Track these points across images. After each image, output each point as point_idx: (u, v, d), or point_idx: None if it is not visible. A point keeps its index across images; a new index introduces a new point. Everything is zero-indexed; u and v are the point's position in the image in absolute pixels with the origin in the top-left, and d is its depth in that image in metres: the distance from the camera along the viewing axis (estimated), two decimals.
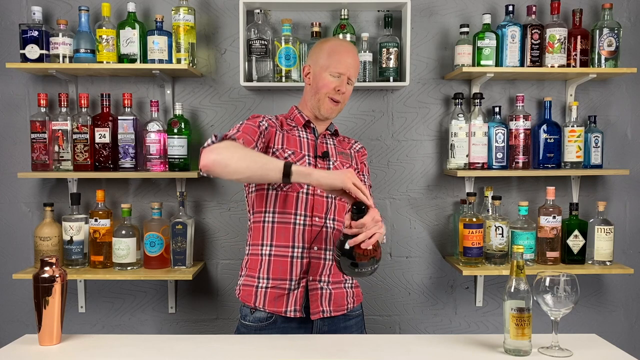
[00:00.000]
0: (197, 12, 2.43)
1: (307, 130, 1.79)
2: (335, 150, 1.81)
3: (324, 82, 1.73)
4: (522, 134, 2.39)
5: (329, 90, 1.73)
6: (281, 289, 1.69)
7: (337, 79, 1.73)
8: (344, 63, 1.73)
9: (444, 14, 2.50)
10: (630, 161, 2.56)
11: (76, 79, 2.46)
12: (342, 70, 1.73)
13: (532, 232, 2.34)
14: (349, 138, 1.94)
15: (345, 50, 1.76)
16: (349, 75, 1.74)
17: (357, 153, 1.89)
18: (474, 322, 2.59)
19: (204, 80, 2.49)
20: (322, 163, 1.75)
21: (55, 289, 1.49)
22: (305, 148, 1.74)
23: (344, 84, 1.74)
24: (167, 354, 1.46)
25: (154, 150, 2.35)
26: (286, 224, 1.69)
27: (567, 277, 1.40)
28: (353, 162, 1.84)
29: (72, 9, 2.42)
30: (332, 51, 1.75)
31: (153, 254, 2.30)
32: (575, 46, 2.37)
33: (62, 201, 2.48)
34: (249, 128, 1.65)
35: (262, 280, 1.70)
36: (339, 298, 1.73)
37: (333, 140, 1.85)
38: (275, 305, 1.68)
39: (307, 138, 1.77)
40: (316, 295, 1.70)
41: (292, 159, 1.68)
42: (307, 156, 1.72)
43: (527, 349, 1.40)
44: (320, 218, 1.70)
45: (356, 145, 1.91)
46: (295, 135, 1.76)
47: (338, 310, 1.73)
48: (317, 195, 1.70)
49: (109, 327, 2.53)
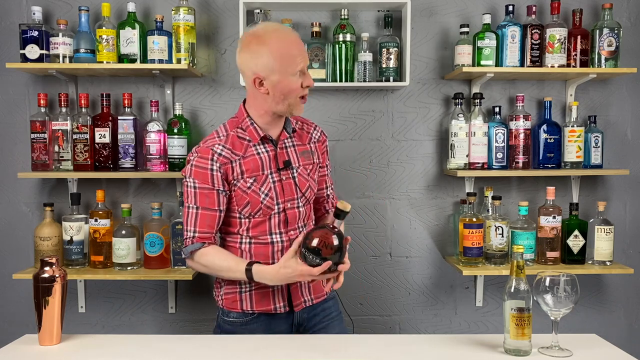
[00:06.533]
0: (197, 12, 2.43)
1: (264, 143, 1.67)
2: (296, 153, 1.72)
3: (292, 87, 1.60)
4: (522, 134, 2.39)
5: (299, 92, 1.62)
6: (264, 287, 1.66)
7: (302, 75, 1.61)
8: (300, 55, 1.60)
9: (444, 14, 2.50)
10: (630, 161, 2.56)
11: (76, 79, 2.46)
12: (302, 63, 1.60)
13: (532, 232, 2.34)
14: (308, 124, 1.80)
15: (291, 42, 1.61)
16: (306, 62, 1.62)
17: (317, 144, 1.79)
18: (474, 322, 2.59)
19: (204, 80, 2.49)
20: (285, 173, 1.68)
21: (55, 289, 1.49)
22: (266, 166, 1.66)
23: (309, 77, 1.64)
24: (167, 354, 1.46)
25: (154, 150, 2.35)
26: (264, 244, 1.68)
27: (567, 277, 1.40)
28: (315, 158, 1.76)
29: (72, 9, 2.42)
30: (281, 52, 1.57)
31: (153, 254, 2.30)
32: (575, 46, 2.37)
33: (62, 201, 2.48)
34: (204, 199, 1.62)
35: (244, 285, 1.68)
36: (317, 285, 1.74)
37: (292, 141, 1.73)
38: (263, 305, 1.68)
39: (266, 152, 1.67)
40: (296, 287, 1.70)
41: (255, 187, 1.63)
42: (269, 174, 1.65)
43: (527, 349, 1.40)
44: (294, 230, 1.70)
45: (315, 134, 1.79)
46: (252, 154, 1.65)
47: (318, 297, 1.76)
48: (288, 210, 1.68)
49: (109, 327, 2.53)
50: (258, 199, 1.64)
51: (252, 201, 1.64)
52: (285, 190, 1.68)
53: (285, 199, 1.67)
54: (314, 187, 1.76)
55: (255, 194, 1.64)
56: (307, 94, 1.66)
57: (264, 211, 1.65)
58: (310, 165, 1.75)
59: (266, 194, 1.65)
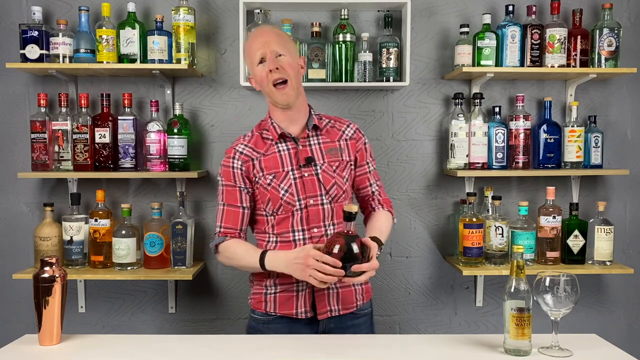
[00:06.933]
0: (197, 12, 2.43)
1: (286, 141, 1.72)
2: (321, 150, 1.72)
3: (259, 76, 1.67)
4: (522, 134, 2.39)
5: (267, 80, 1.65)
6: (290, 291, 1.69)
7: (264, 64, 1.65)
8: (258, 44, 1.66)
9: (444, 14, 2.50)
10: (630, 161, 2.56)
11: (76, 79, 2.46)
12: (261, 52, 1.65)
13: (532, 232, 2.34)
14: (341, 122, 1.81)
15: (254, 36, 1.71)
16: (270, 51, 1.64)
17: (349, 141, 1.77)
18: (474, 322, 2.59)
19: (204, 80, 2.49)
20: (308, 170, 1.69)
21: (55, 289, 1.49)
22: (287, 163, 1.69)
23: (273, 60, 1.64)
24: (167, 354, 1.46)
25: (154, 150, 2.35)
26: (287, 242, 1.70)
27: (567, 277, 1.40)
28: (344, 155, 1.74)
29: (72, 9, 2.42)
30: (247, 47, 1.71)
31: (153, 254, 2.30)
32: (575, 46, 2.37)
33: (62, 201, 2.48)
34: (229, 196, 1.72)
35: (270, 287, 1.72)
36: (348, 296, 1.72)
37: (317, 138, 1.74)
38: (286, 308, 1.70)
39: (287, 149, 1.71)
40: (323, 295, 1.70)
41: (274, 183, 1.67)
42: (290, 171, 1.68)
43: (527, 349, 1.40)
44: (318, 228, 1.70)
45: (348, 131, 1.78)
46: (274, 152, 1.71)
47: (347, 308, 1.73)
48: (310, 207, 1.69)
49: (109, 327, 2.53)
50: (278, 195, 1.67)
51: (273, 198, 1.68)
52: (307, 186, 1.68)
53: (307, 196, 1.68)
54: (341, 185, 1.72)
55: (275, 191, 1.67)
56: (279, 78, 1.64)
57: (285, 207, 1.68)
58: (337, 162, 1.73)
59: (286, 190, 1.67)
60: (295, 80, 1.67)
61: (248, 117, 2.49)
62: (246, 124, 2.48)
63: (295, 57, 1.70)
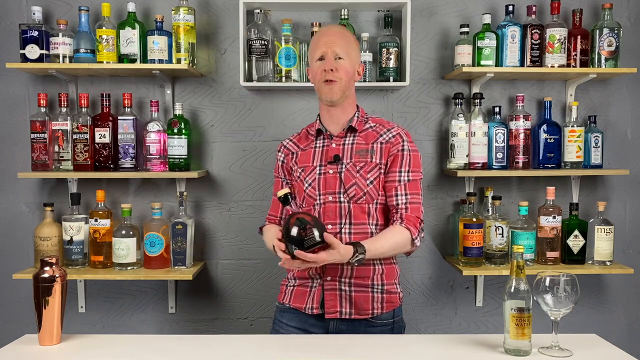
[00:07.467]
0: (197, 12, 2.43)
1: (323, 138, 1.79)
2: (351, 150, 1.73)
3: (314, 72, 1.75)
4: (522, 134, 2.39)
5: (320, 77, 1.71)
6: (304, 286, 1.76)
7: (322, 61, 1.72)
8: (322, 42, 1.72)
9: (444, 14, 2.50)
10: (630, 161, 2.56)
11: (76, 79, 2.46)
12: (322, 50, 1.72)
13: (532, 232, 2.34)
14: (384, 125, 1.80)
15: (321, 33, 1.78)
16: (331, 51, 1.70)
17: (385, 145, 1.74)
18: (474, 322, 2.59)
19: (204, 80, 2.49)
20: (333, 167, 1.72)
21: (55, 289, 1.49)
22: (317, 158, 1.77)
23: (330, 61, 1.69)
24: (167, 354, 1.46)
25: (154, 150, 2.35)
26: None
27: (567, 277, 1.40)
28: (374, 158, 1.72)
29: (72, 9, 2.42)
30: (313, 41, 1.78)
31: (153, 254, 2.30)
32: (575, 46, 2.37)
33: (62, 201, 2.48)
34: (275, 185, 1.89)
35: (290, 280, 1.81)
36: (361, 301, 1.70)
37: (353, 139, 1.75)
38: (298, 302, 1.76)
39: (321, 146, 1.78)
40: (333, 294, 1.70)
41: (302, 176, 1.77)
42: (317, 167, 1.75)
43: (527, 349, 1.40)
44: (333, 225, 1.70)
45: (386, 135, 1.76)
46: (311, 147, 1.80)
47: (360, 313, 1.71)
48: (328, 203, 1.71)
49: (109, 327, 2.53)
50: (302, 188, 1.76)
51: (299, 190, 1.78)
52: (328, 183, 1.72)
53: (327, 192, 1.72)
54: (362, 186, 1.70)
55: (302, 183, 1.77)
56: (330, 79, 1.70)
57: (308, 201, 1.75)
58: (363, 163, 1.72)
59: (309, 183, 1.75)
60: (345, 83, 1.72)
61: (248, 117, 2.49)
62: (246, 124, 2.49)
63: (354, 63, 1.75)
